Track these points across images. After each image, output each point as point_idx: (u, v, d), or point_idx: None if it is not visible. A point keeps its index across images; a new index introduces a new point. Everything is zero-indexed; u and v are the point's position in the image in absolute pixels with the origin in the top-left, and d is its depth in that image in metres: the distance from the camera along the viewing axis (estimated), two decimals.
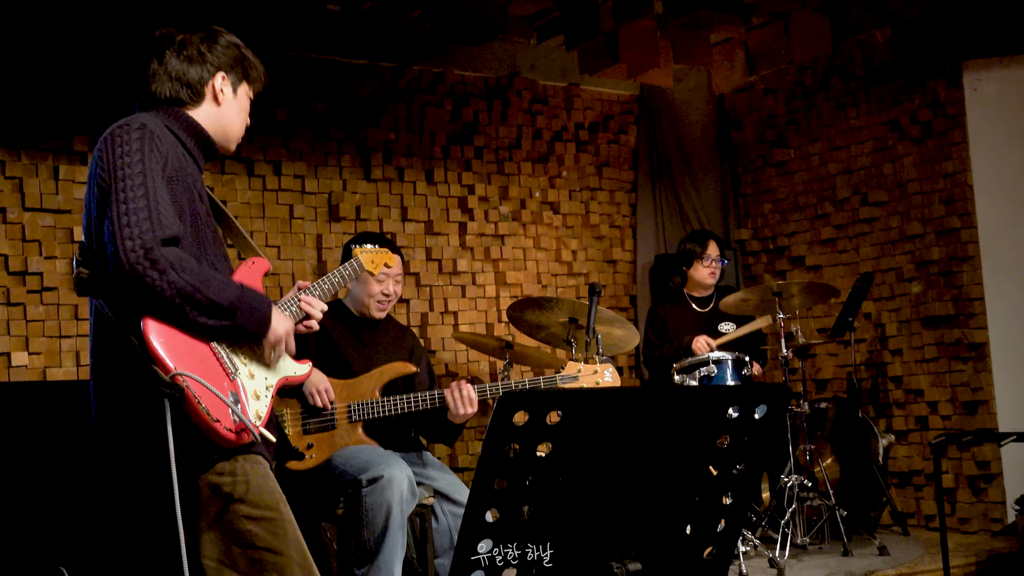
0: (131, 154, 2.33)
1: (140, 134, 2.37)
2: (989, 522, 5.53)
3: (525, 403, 1.82)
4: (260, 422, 2.43)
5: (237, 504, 2.39)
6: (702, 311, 5.71)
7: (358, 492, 3.59)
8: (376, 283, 4.05)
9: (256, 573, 2.40)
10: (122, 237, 2.23)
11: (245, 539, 2.40)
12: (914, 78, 5.94)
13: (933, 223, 5.83)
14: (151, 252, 2.23)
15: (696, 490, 2.11)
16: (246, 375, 2.45)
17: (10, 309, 4.66)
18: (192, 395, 2.23)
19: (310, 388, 3.80)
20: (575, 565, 2.04)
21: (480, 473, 1.87)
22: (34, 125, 4.78)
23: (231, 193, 5.28)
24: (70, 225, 4.81)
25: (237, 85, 2.66)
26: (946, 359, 5.75)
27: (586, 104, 6.66)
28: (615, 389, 3.21)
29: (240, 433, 2.34)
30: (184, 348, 2.31)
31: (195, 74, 2.58)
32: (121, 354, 2.32)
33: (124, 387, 2.37)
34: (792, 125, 6.68)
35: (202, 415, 2.26)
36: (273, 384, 2.55)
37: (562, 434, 1.90)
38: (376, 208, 5.75)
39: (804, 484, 4.96)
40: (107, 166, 2.33)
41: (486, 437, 1.82)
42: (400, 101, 5.89)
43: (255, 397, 2.46)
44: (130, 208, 2.25)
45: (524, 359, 5.25)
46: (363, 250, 3.40)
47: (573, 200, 6.53)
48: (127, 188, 2.28)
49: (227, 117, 2.64)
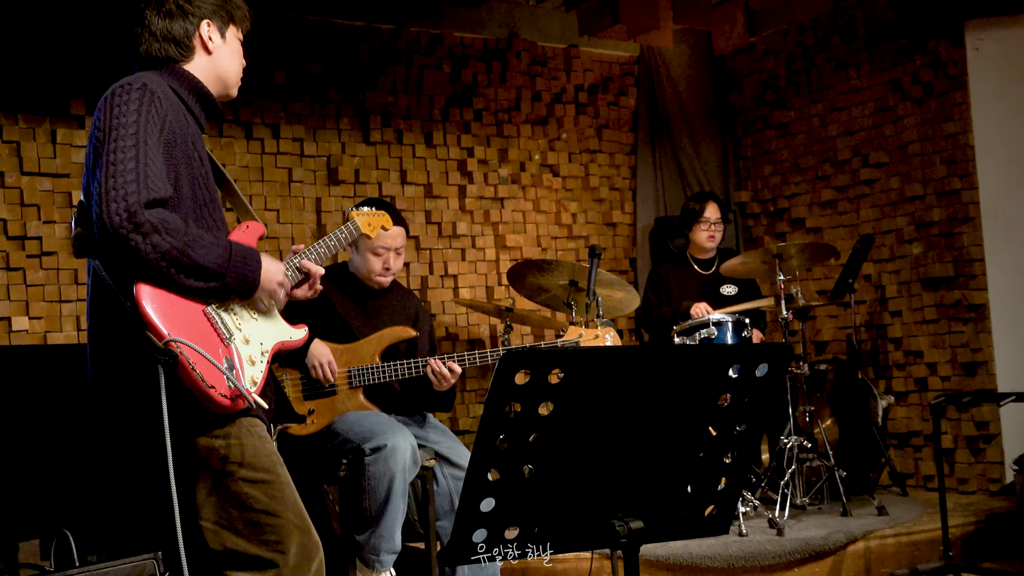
0: (127, 114, 2.31)
1: (140, 94, 2.35)
2: (987, 482, 5.55)
3: (527, 362, 1.83)
4: (256, 388, 2.43)
5: (234, 467, 2.40)
6: (704, 273, 5.71)
7: (361, 460, 3.60)
8: (375, 258, 4.00)
9: (254, 535, 2.41)
10: (107, 199, 2.21)
11: (242, 502, 2.41)
12: (916, 38, 5.90)
13: (934, 184, 5.82)
14: (135, 215, 2.21)
15: (697, 449, 2.11)
16: (241, 341, 2.44)
17: (10, 274, 4.66)
18: (186, 361, 2.23)
19: (312, 361, 3.79)
20: (577, 523, 2.05)
21: (482, 432, 1.87)
22: (31, 89, 4.75)
23: (229, 156, 5.26)
24: (68, 189, 4.80)
25: (224, 29, 2.63)
26: (946, 320, 5.76)
27: (586, 66, 6.62)
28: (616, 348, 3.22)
29: (235, 399, 2.34)
30: (178, 313, 2.30)
31: (180, 29, 2.56)
32: (117, 317, 2.32)
33: (119, 350, 2.36)
34: (792, 86, 6.65)
35: (196, 381, 2.26)
36: (268, 349, 2.53)
37: (563, 393, 1.90)
38: (375, 171, 5.73)
39: (804, 445, 4.97)
40: (103, 125, 2.31)
41: (488, 396, 1.82)
42: (399, 63, 5.86)
43: (250, 363, 2.45)
44: (118, 170, 2.23)
45: (524, 322, 5.25)
46: (359, 212, 3.36)
47: (573, 163, 6.51)
48: (117, 149, 2.26)
49: (221, 64, 2.62)
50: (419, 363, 3.84)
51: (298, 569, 2.42)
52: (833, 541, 4.52)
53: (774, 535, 4.56)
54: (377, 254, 3.99)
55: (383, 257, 4.01)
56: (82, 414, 3.46)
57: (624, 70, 6.81)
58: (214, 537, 2.42)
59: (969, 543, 4.82)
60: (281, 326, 2.61)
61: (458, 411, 5.85)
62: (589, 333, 3.92)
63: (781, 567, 4.45)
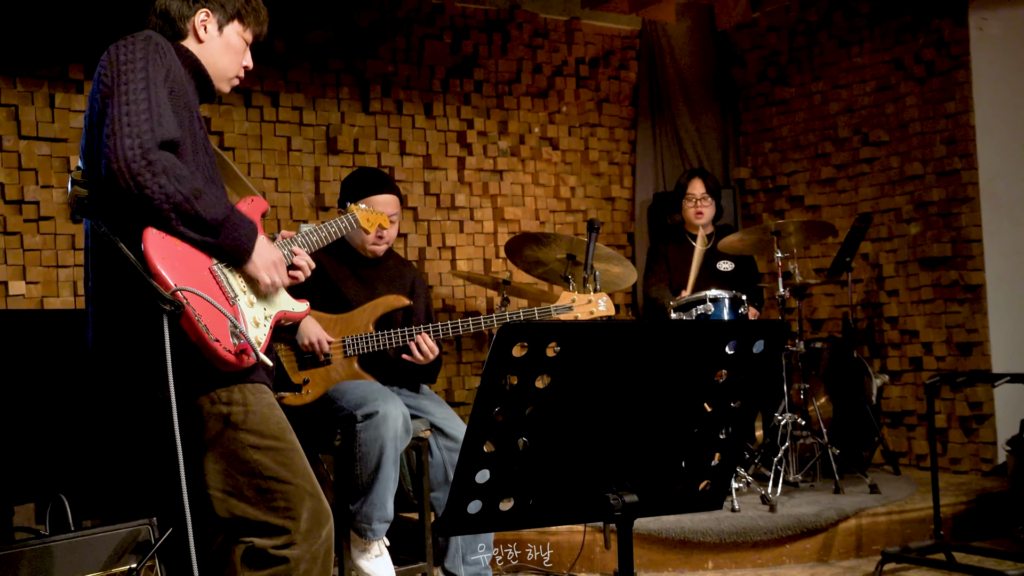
0: (134, 61, 2.31)
1: (145, 43, 2.36)
2: (980, 462, 5.58)
3: (524, 334, 1.82)
4: (260, 349, 2.42)
5: (243, 433, 2.39)
6: (701, 249, 5.69)
7: (353, 427, 3.60)
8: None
9: (264, 502, 2.40)
10: (121, 136, 2.20)
11: (252, 468, 2.40)
12: (919, 16, 5.87)
13: (934, 164, 5.81)
14: (148, 152, 2.20)
15: (692, 424, 2.12)
16: (245, 303, 2.44)
17: (7, 238, 4.65)
18: (192, 312, 2.22)
19: (303, 339, 3.78)
20: (571, 496, 2.06)
21: (478, 404, 1.87)
22: (29, 52, 4.72)
23: (228, 124, 5.24)
24: (66, 154, 4.78)
25: (225, 24, 2.60)
26: (942, 300, 5.76)
27: (587, 39, 6.59)
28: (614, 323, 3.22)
29: (240, 355, 2.31)
30: (184, 267, 2.29)
31: (176, 9, 2.55)
32: (120, 275, 2.31)
33: (121, 310, 2.35)
34: (794, 63, 6.62)
35: (202, 333, 2.24)
36: (272, 315, 2.53)
37: (561, 367, 1.90)
38: (374, 141, 5.71)
39: (797, 423, 4.99)
40: (109, 73, 2.31)
41: (485, 368, 1.82)
42: (399, 32, 5.82)
43: (254, 324, 2.44)
44: (131, 109, 2.23)
45: (521, 295, 5.25)
46: (359, 209, 3.39)
47: (572, 136, 6.49)
48: (129, 92, 2.26)
49: (209, 56, 2.59)
50: (411, 332, 3.84)
51: (309, 535, 2.42)
52: (825, 518, 4.54)
53: (766, 511, 4.58)
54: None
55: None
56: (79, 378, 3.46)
57: (625, 44, 6.78)
58: (221, 504, 2.41)
59: (960, 522, 4.85)
60: (284, 296, 2.61)
61: (454, 383, 5.86)
62: (582, 298, 3.92)
63: (773, 543, 4.48)
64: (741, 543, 4.46)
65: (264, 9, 2.71)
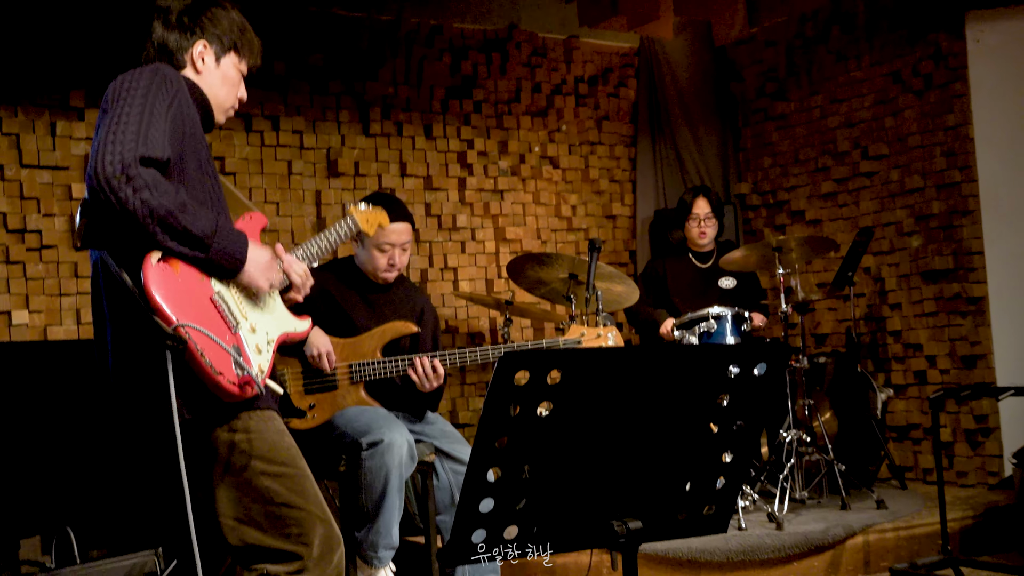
0: (137, 88, 2.33)
1: (152, 72, 2.38)
2: (986, 475, 5.56)
3: (526, 362, 1.83)
4: (263, 376, 2.43)
5: (254, 460, 2.40)
6: (702, 266, 5.70)
7: (358, 455, 3.60)
8: (380, 254, 3.96)
9: (276, 529, 2.41)
10: (103, 151, 2.20)
11: (263, 495, 2.40)
12: (916, 29, 5.88)
13: (934, 176, 5.81)
14: (128, 168, 2.19)
15: (696, 448, 2.11)
16: (247, 329, 2.45)
17: (9, 267, 4.65)
18: (195, 347, 2.23)
19: (311, 350, 3.78)
20: (576, 523, 2.06)
21: (481, 432, 1.87)
22: (30, 80, 4.74)
23: (229, 149, 5.25)
24: (68, 182, 4.79)
25: (221, 55, 2.62)
26: (945, 313, 5.76)
27: (586, 57, 6.61)
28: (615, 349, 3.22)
29: (244, 386, 2.33)
30: (185, 300, 2.29)
31: (174, 41, 2.57)
32: (123, 307, 2.32)
33: (127, 342, 2.36)
34: (793, 77, 6.64)
35: (205, 368, 2.25)
36: (274, 339, 2.54)
37: (563, 394, 1.90)
38: (375, 163, 5.73)
39: (803, 439, 4.98)
40: (112, 97, 2.33)
41: (487, 397, 1.82)
42: (398, 54, 5.84)
43: (257, 351, 2.45)
44: (119, 128, 2.24)
45: (524, 315, 5.25)
46: (358, 209, 3.35)
47: (572, 154, 6.51)
48: (122, 112, 2.27)
49: (207, 87, 2.60)
50: (404, 361, 3.82)
51: (321, 560, 2.43)
52: (832, 535, 4.53)
53: (773, 529, 4.57)
54: (382, 250, 3.97)
55: (388, 254, 3.98)
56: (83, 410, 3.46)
57: (624, 61, 6.80)
58: (233, 532, 2.42)
59: (968, 536, 4.83)
60: (286, 317, 2.62)
61: (458, 404, 5.85)
62: (591, 332, 3.90)
63: (780, 561, 4.46)
64: (748, 562, 4.43)
65: (258, 40, 2.72)
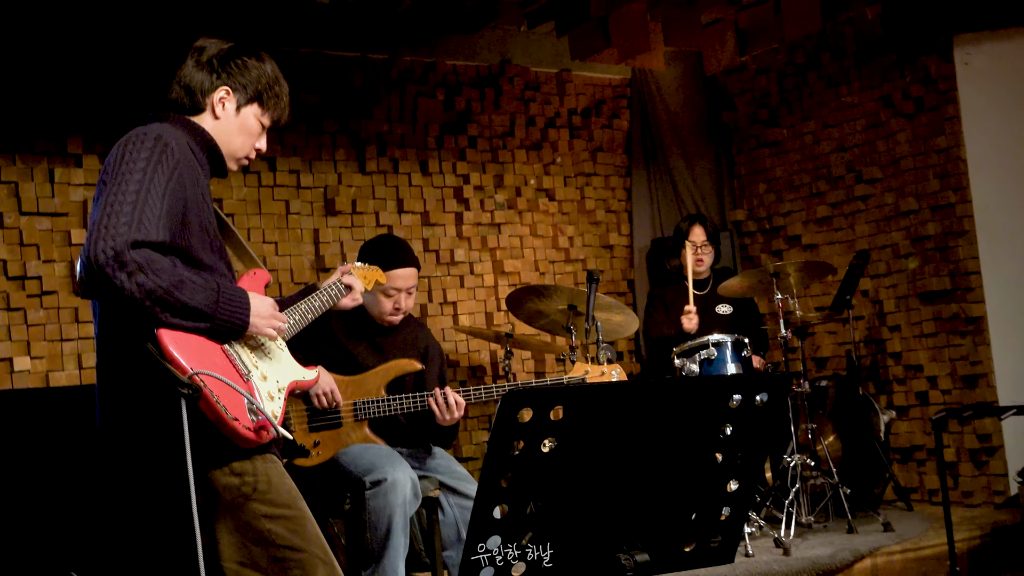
0: (137, 161, 2.32)
1: (153, 143, 2.37)
2: (992, 494, 5.56)
3: (529, 401, 1.84)
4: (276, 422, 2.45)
5: (255, 504, 2.41)
6: (700, 293, 5.72)
7: (361, 494, 3.60)
8: (386, 299, 3.98)
9: (279, 571, 2.41)
10: (96, 237, 2.21)
11: (265, 538, 2.41)
12: (905, 54, 5.94)
13: (928, 198, 5.85)
14: (121, 254, 2.20)
15: (701, 480, 2.12)
16: (259, 377, 2.47)
17: (10, 314, 4.67)
18: (210, 394, 2.25)
19: (315, 389, 3.79)
20: (582, 558, 2.06)
21: (487, 470, 1.89)
22: (28, 128, 4.77)
23: (227, 191, 5.28)
24: (67, 228, 4.82)
25: (244, 105, 2.62)
26: (944, 334, 5.77)
27: (578, 89, 6.66)
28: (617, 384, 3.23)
29: (259, 431, 2.35)
30: (197, 350, 2.32)
31: (198, 82, 2.57)
32: (131, 355, 2.32)
33: (134, 389, 2.37)
34: (784, 104, 6.69)
35: (221, 414, 2.27)
36: (284, 387, 2.57)
37: (566, 430, 1.92)
38: (372, 201, 5.76)
39: (807, 463, 4.98)
40: (111, 169, 2.33)
41: (491, 435, 1.83)
42: (392, 92, 5.88)
43: (269, 398, 2.48)
44: (114, 210, 2.24)
45: (524, 347, 5.27)
46: (355, 266, 3.38)
47: (568, 186, 6.54)
48: (119, 192, 2.27)
49: (224, 134, 2.60)
50: (423, 397, 3.84)
51: None
52: (840, 559, 4.52)
53: (780, 555, 4.56)
54: (388, 295, 3.99)
55: (394, 298, 4.00)
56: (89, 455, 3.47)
57: (617, 92, 6.85)
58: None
59: (976, 557, 4.82)
60: (295, 366, 2.66)
61: (461, 438, 5.84)
62: (595, 370, 3.91)
63: None
64: None
65: (287, 94, 2.71)
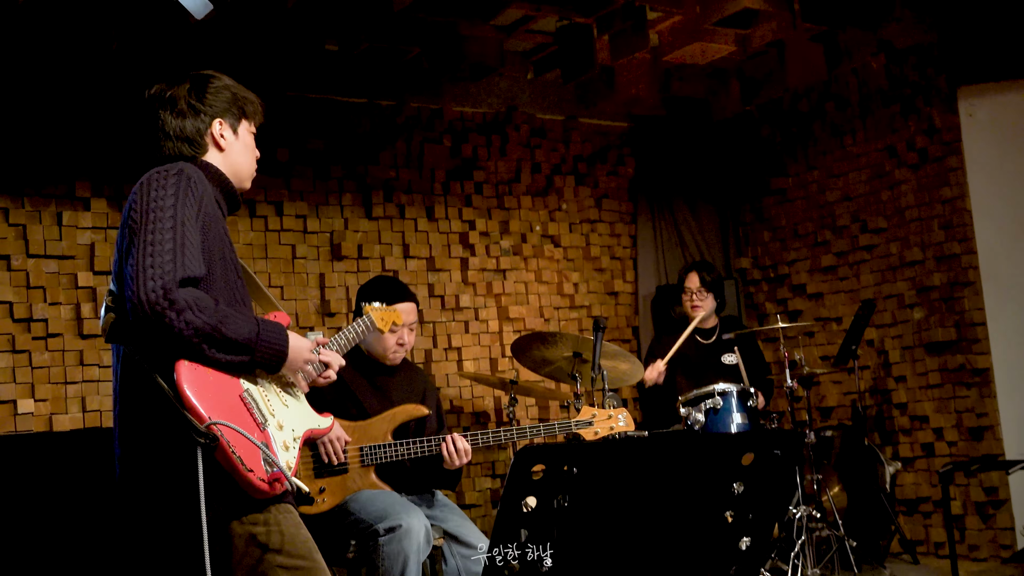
0: (165, 198, 2.36)
1: (177, 178, 2.41)
2: (999, 548, 5.51)
3: (542, 458, 1.83)
4: (290, 472, 2.45)
5: (272, 554, 2.40)
6: (705, 342, 5.71)
7: (375, 540, 3.58)
8: (390, 335, 4.06)
9: None
10: (144, 277, 2.25)
11: None
12: (909, 104, 5.97)
13: (933, 249, 5.85)
14: (170, 292, 2.25)
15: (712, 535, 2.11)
16: (275, 426, 2.48)
17: (15, 356, 4.66)
18: (226, 444, 2.25)
19: (325, 438, 3.78)
20: None
21: (499, 527, 1.87)
22: (36, 171, 4.79)
23: (234, 235, 5.29)
24: (74, 271, 4.82)
25: (237, 125, 2.70)
26: (950, 385, 5.75)
27: (584, 136, 6.69)
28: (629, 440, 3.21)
29: (273, 483, 2.35)
30: (216, 397, 2.33)
31: (192, 127, 2.62)
32: (151, 403, 2.34)
33: (154, 435, 2.37)
34: (789, 153, 6.71)
35: (236, 465, 2.27)
36: (300, 436, 2.58)
37: (578, 485, 1.91)
38: (378, 246, 5.76)
39: (812, 515, 4.95)
40: (140, 208, 2.36)
41: (504, 492, 1.82)
42: (399, 138, 5.91)
43: (284, 448, 2.49)
44: (155, 249, 2.28)
45: (529, 394, 5.25)
46: (373, 308, 3.45)
47: (573, 233, 6.55)
48: (156, 230, 2.31)
49: (234, 159, 2.68)
50: (432, 441, 3.84)
51: None
52: None
53: None
54: (392, 330, 4.03)
55: (397, 334, 4.07)
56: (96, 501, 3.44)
57: (622, 140, 6.88)
58: None
59: None
60: (310, 413, 2.67)
61: (464, 485, 5.81)
62: (603, 414, 3.91)
63: None
64: None
65: (255, 96, 2.79)
